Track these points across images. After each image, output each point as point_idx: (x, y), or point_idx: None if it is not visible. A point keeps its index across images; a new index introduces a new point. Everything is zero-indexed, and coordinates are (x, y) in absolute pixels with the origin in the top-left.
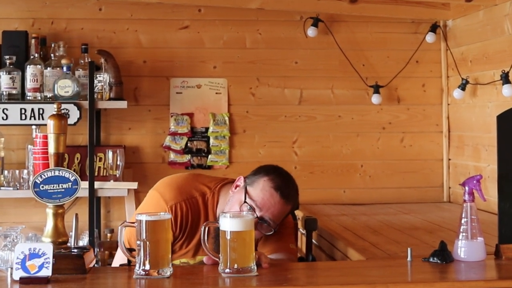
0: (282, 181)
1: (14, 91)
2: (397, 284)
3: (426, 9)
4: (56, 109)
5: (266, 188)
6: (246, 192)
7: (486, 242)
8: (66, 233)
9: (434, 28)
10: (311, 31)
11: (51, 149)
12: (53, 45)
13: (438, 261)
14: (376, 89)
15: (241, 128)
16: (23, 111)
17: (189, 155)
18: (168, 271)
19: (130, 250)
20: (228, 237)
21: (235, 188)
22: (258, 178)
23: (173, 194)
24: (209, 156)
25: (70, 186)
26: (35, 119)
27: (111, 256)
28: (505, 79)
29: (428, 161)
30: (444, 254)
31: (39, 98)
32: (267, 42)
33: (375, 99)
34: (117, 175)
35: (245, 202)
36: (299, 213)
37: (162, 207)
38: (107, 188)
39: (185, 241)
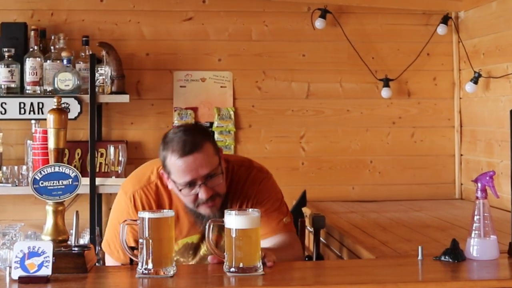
0: (179, 143)
1: (12, 85)
2: (407, 283)
3: (437, 0)
4: (56, 103)
5: (176, 163)
6: (174, 181)
7: (499, 241)
8: (66, 231)
9: (445, 19)
10: (319, 23)
11: (51, 144)
12: (53, 37)
13: (450, 260)
14: (386, 82)
15: (246, 123)
16: (22, 105)
17: None
18: (171, 270)
19: (132, 249)
20: (234, 235)
21: (168, 182)
22: (166, 162)
23: (132, 184)
24: None
25: (70, 183)
26: (34, 113)
27: None
28: None
29: (440, 156)
30: (456, 253)
31: (39, 91)
32: (274, 34)
33: (385, 92)
34: (119, 171)
35: (180, 190)
36: (306, 211)
37: (124, 199)
38: (109, 185)
39: None
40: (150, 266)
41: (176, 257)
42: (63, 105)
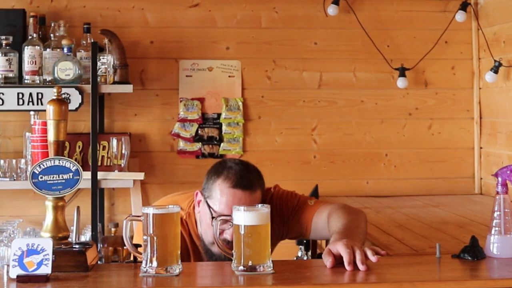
0: (236, 174)
1: (10, 74)
2: (425, 282)
3: None
4: (56, 94)
5: (224, 191)
6: (209, 206)
7: None
8: (67, 227)
9: (464, 6)
10: (332, 9)
11: (51, 136)
12: (52, 25)
13: (469, 258)
14: (402, 72)
15: (256, 114)
16: (20, 95)
17: (200, 143)
18: (177, 269)
19: (136, 246)
20: (242, 232)
21: (198, 206)
22: (212, 185)
23: None
24: (222, 144)
25: (71, 177)
26: (33, 104)
27: (115, 252)
28: None
29: (458, 149)
30: (475, 250)
31: (38, 81)
32: (284, 21)
33: (401, 82)
34: (122, 165)
35: (213, 218)
36: None
37: None
38: (111, 179)
39: None
40: (154, 264)
41: None
42: (63, 96)
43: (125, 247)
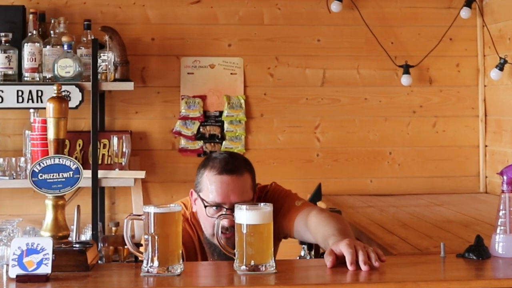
0: (221, 161)
1: (10, 72)
2: (429, 282)
3: None
4: (56, 91)
5: (211, 179)
6: (201, 199)
7: None
8: (67, 226)
9: (469, 2)
10: (335, 6)
11: (51, 134)
12: (52, 21)
13: (474, 257)
14: (406, 69)
15: (258, 112)
16: (20, 93)
17: (202, 141)
18: (178, 268)
19: (137, 245)
20: (244, 231)
21: (195, 203)
22: (201, 178)
23: None
24: (224, 142)
25: (71, 175)
26: (33, 102)
27: (116, 251)
28: None
29: (463, 148)
30: (480, 250)
31: (38, 79)
32: (287, 18)
33: (405, 80)
34: (123, 163)
35: (206, 206)
36: (321, 205)
37: None
38: (112, 178)
39: None
40: (155, 263)
41: None
42: (63, 93)
43: (126, 247)
